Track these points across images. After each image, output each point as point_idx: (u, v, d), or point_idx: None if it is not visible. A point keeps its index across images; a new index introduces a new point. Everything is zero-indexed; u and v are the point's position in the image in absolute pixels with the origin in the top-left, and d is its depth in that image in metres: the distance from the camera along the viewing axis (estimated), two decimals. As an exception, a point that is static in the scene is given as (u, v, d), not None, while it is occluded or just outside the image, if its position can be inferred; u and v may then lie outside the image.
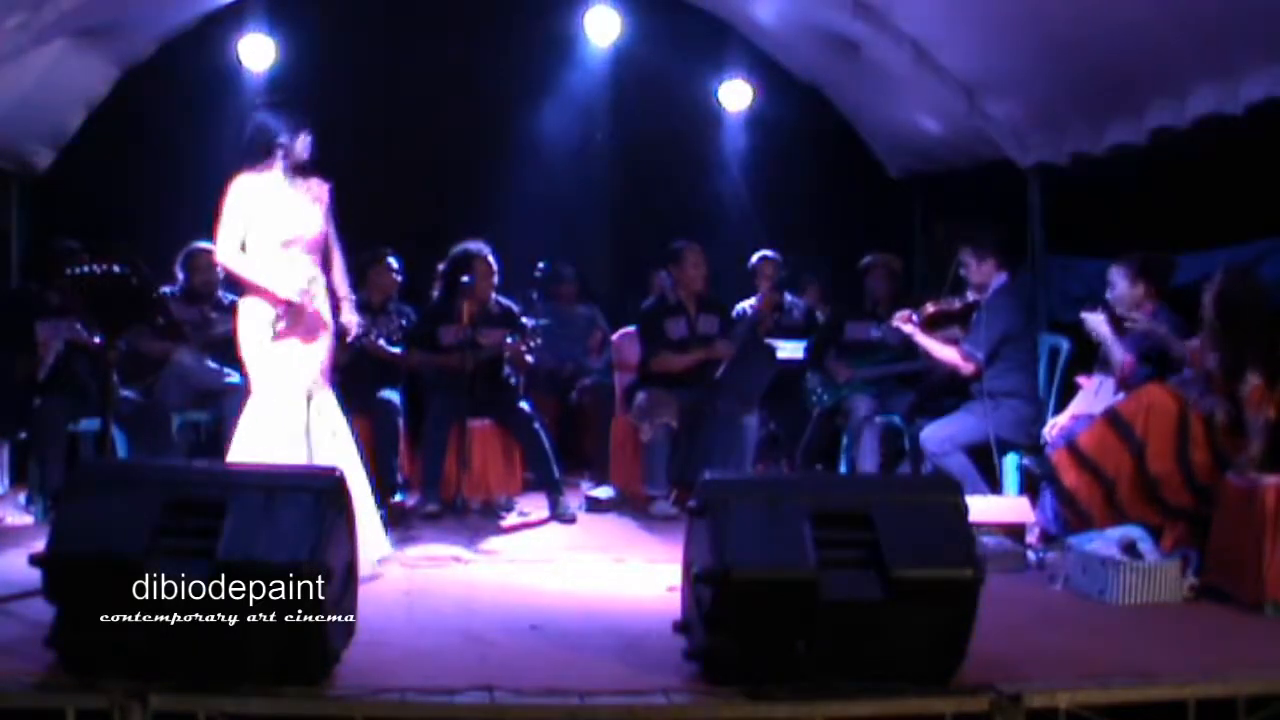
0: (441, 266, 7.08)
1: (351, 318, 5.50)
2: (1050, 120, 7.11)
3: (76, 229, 7.01)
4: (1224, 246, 6.03)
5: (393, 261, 7.16)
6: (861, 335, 7.34)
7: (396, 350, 6.95)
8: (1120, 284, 5.79)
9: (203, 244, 6.94)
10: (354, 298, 5.57)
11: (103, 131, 8.08)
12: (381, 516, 5.96)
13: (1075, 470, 5.46)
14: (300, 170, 5.29)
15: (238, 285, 5.47)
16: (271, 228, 5.21)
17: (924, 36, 7.17)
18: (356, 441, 5.54)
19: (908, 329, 6.51)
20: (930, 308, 6.56)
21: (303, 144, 5.24)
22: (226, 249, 5.21)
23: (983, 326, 6.31)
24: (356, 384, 6.53)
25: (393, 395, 6.93)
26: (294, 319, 5.20)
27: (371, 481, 5.46)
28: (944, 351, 6.47)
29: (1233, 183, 6.08)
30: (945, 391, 6.68)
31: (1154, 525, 5.20)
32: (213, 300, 6.97)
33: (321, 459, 5.10)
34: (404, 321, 7.05)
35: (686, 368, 7.14)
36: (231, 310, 6.66)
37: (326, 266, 5.42)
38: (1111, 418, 5.46)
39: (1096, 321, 5.80)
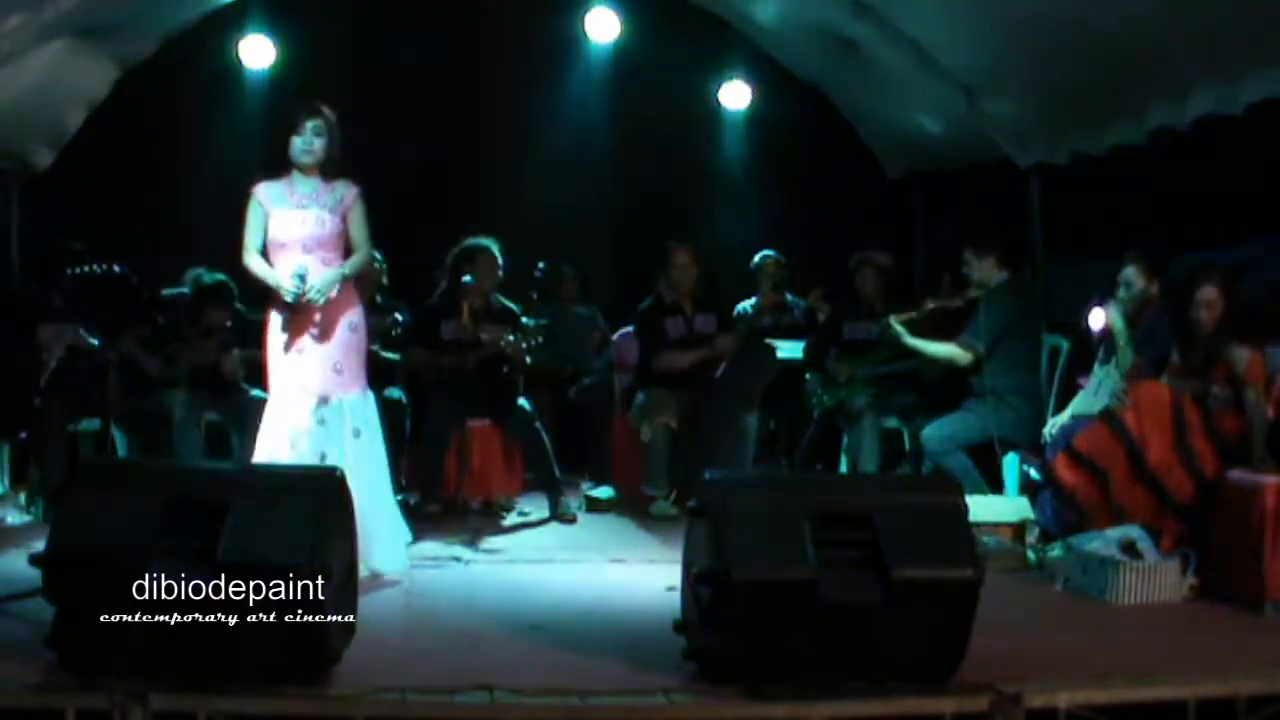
0: (447, 261, 7.09)
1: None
2: (1050, 120, 7.11)
3: (76, 229, 7.02)
4: (1224, 246, 6.04)
5: (376, 255, 7.15)
6: (859, 334, 7.35)
7: (393, 356, 6.97)
8: (1137, 282, 5.83)
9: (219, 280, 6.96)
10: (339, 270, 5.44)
11: (103, 131, 8.08)
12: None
13: (1073, 469, 5.47)
14: (327, 172, 5.30)
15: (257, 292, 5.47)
16: (274, 227, 5.23)
17: (924, 36, 7.17)
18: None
19: (897, 329, 6.56)
20: (931, 305, 6.61)
21: (298, 143, 5.24)
22: (245, 256, 5.25)
23: (981, 318, 6.35)
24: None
25: (398, 395, 6.94)
26: (295, 323, 5.21)
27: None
28: (939, 349, 6.50)
29: (1232, 183, 6.09)
30: (943, 390, 6.69)
31: (1152, 523, 5.20)
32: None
33: (336, 461, 5.09)
34: (397, 316, 7.02)
35: (688, 366, 7.13)
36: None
37: None
38: (1106, 415, 5.49)
39: (1114, 317, 5.82)
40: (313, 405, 5.20)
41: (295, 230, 5.23)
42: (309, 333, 5.22)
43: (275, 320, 5.25)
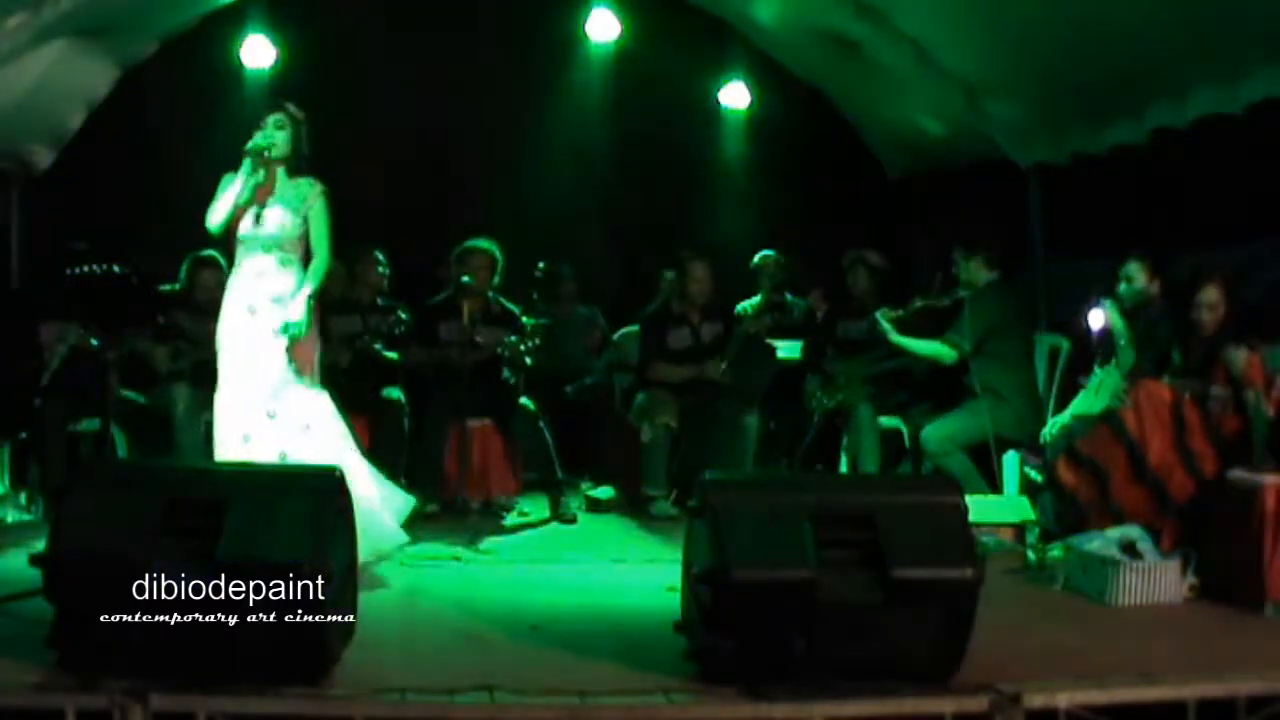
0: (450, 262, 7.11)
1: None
2: (1050, 120, 7.11)
3: (76, 229, 7.01)
4: (1223, 246, 6.04)
5: (379, 256, 7.19)
6: (853, 333, 7.36)
7: (392, 356, 6.98)
8: (1139, 278, 5.85)
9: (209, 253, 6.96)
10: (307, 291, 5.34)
11: (103, 131, 8.07)
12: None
13: (1073, 469, 5.47)
14: (290, 169, 5.29)
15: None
16: (238, 223, 5.24)
17: (924, 36, 7.17)
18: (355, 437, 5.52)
19: (884, 325, 6.58)
20: (919, 304, 6.64)
21: (258, 138, 5.23)
22: (209, 216, 5.26)
23: (966, 317, 6.38)
24: (358, 385, 6.55)
25: (398, 394, 6.93)
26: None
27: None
28: (925, 346, 6.54)
29: (1232, 183, 6.09)
30: (933, 385, 6.71)
31: (1152, 523, 5.20)
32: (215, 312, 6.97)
33: (294, 457, 5.09)
34: (398, 315, 7.03)
35: (680, 381, 7.14)
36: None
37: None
38: (1106, 416, 5.51)
39: (1114, 316, 5.82)
40: (264, 399, 5.20)
41: (256, 226, 5.23)
42: (266, 330, 5.21)
43: (234, 314, 5.25)
